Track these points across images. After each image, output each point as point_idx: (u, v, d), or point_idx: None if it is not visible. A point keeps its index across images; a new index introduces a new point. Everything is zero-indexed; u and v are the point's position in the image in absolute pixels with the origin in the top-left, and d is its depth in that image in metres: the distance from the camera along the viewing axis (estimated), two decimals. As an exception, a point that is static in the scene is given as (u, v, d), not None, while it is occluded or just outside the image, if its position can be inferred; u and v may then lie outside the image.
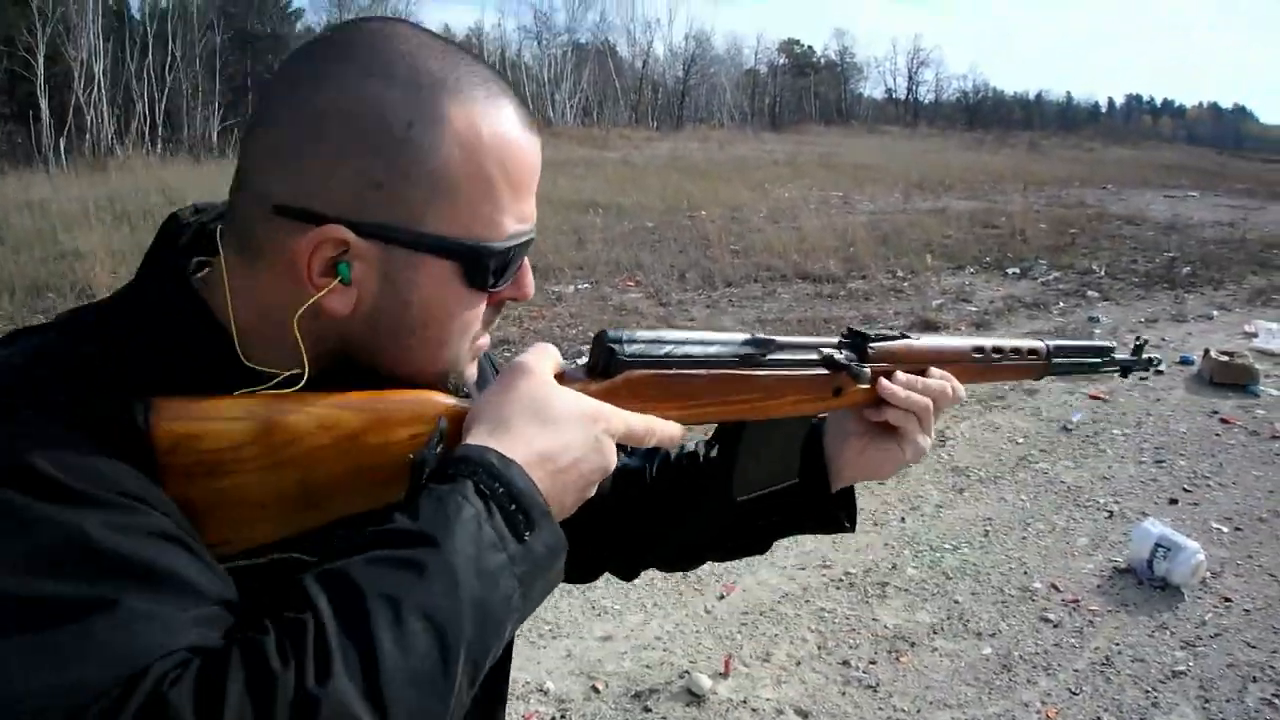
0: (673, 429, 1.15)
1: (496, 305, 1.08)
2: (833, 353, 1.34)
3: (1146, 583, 4.88)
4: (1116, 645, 4.39)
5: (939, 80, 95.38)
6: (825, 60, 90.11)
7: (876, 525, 5.56)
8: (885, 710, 3.96)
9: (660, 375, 1.17)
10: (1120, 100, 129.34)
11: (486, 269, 1.00)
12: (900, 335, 1.45)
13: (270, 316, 0.98)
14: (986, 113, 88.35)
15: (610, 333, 1.16)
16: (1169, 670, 4.23)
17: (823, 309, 10.83)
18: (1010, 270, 12.66)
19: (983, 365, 1.53)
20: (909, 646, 4.37)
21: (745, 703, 3.98)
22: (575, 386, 1.08)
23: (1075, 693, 4.08)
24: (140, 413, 0.87)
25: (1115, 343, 1.76)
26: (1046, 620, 4.59)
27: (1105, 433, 7.10)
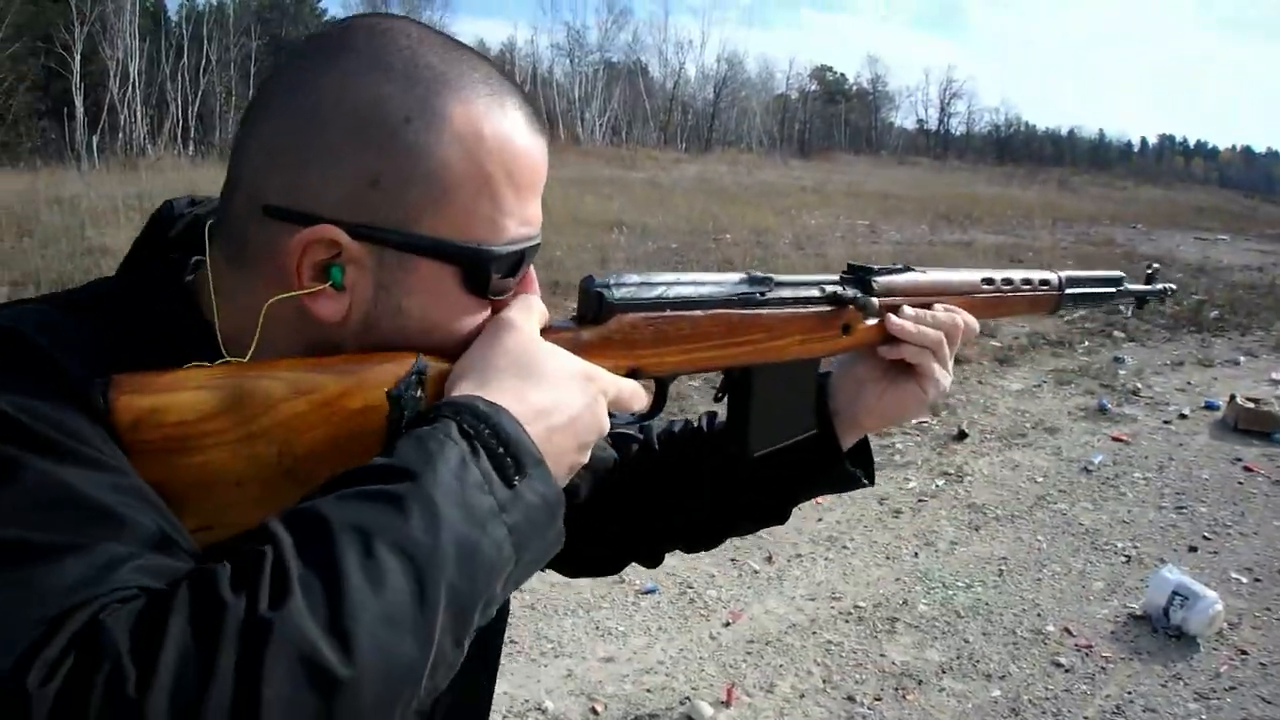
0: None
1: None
2: (836, 288, 1.29)
3: (1162, 631, 4.79)
4: (1128, 694, 4.30)
5: (970, 112, 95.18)
6: (857, 88, 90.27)
7: (889, 559, 5.49)
8: (889, 749, 3.89)
9: (653, 318, 1.11)
10: (1153, 140, 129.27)
11: (487, 274, 0.95)
12: (904, 268, 1.39)
13: (261, 311, 0.92)
14: (1017, 147, 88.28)
15: (596, 278, 1.10)
16: (1181, 722, 4.14)
17: (844, 337, 10.74)
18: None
19: (994, 297, 1.48)
20: (916, 684, 4.29)
21: (747, 734, 3.92)
22: (566, 336, 1.04)
23: (1085, 740, 3.99)
24: (98, 389, 0.81)
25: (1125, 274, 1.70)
26: (1058, 665, 4.50)
27: (1126, 476, 7.00)
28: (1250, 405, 8.11)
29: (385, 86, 0.89)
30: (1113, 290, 1.65)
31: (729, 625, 4.71)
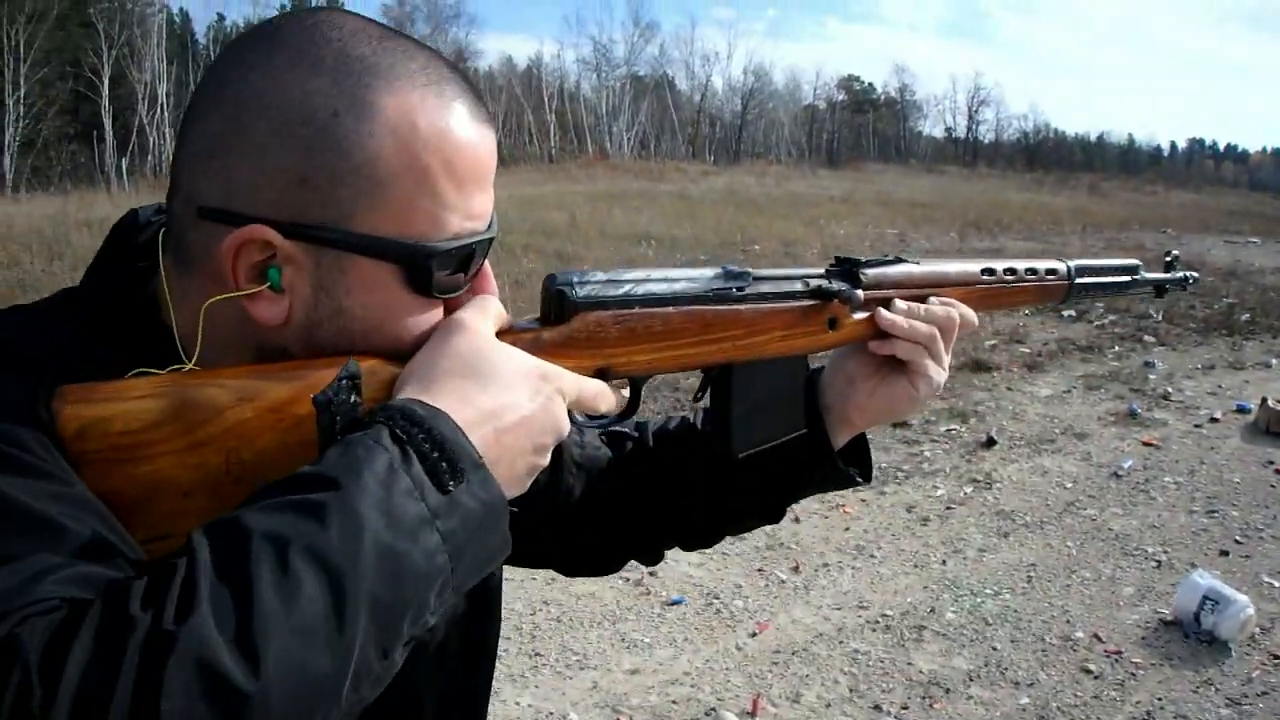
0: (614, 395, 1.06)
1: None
2: (821, 282, 1.24)
3: (1193, 636, 4.74)
4: (1159, 700, 4.26)
5: (999, 119, 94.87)
6: (885, 97, 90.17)
7: (917, 567, 5.46)
8: (916, 758, 3.87)
9: (620, 315, 1.07)
10: (1182, 144, 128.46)
11: (429, 271, 0.92)
12: (896, 259, 1.35)
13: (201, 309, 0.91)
14: (1047, 153, 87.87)
15: (559, 275, 1.05)
16: (1213, 728, 4.10)
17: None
18: (1066, 313, 12.49)
19: (995, 288, 1.42)
20: (944, 693, 4.26)
21: (772, 745, 3.90)
22: (526, 338, 1.01)
23: (1114, 747, 3.96)
24: (42, 399, 0.80)
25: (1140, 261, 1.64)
26: (1087, 671, 4.46)
27: (1156, 480, 6.94)
28: (1282, 408, 8.04)
29: (313, 80, 0.87)
30: (1127, 279, 1.60)
31: (755, 635, 4.70)
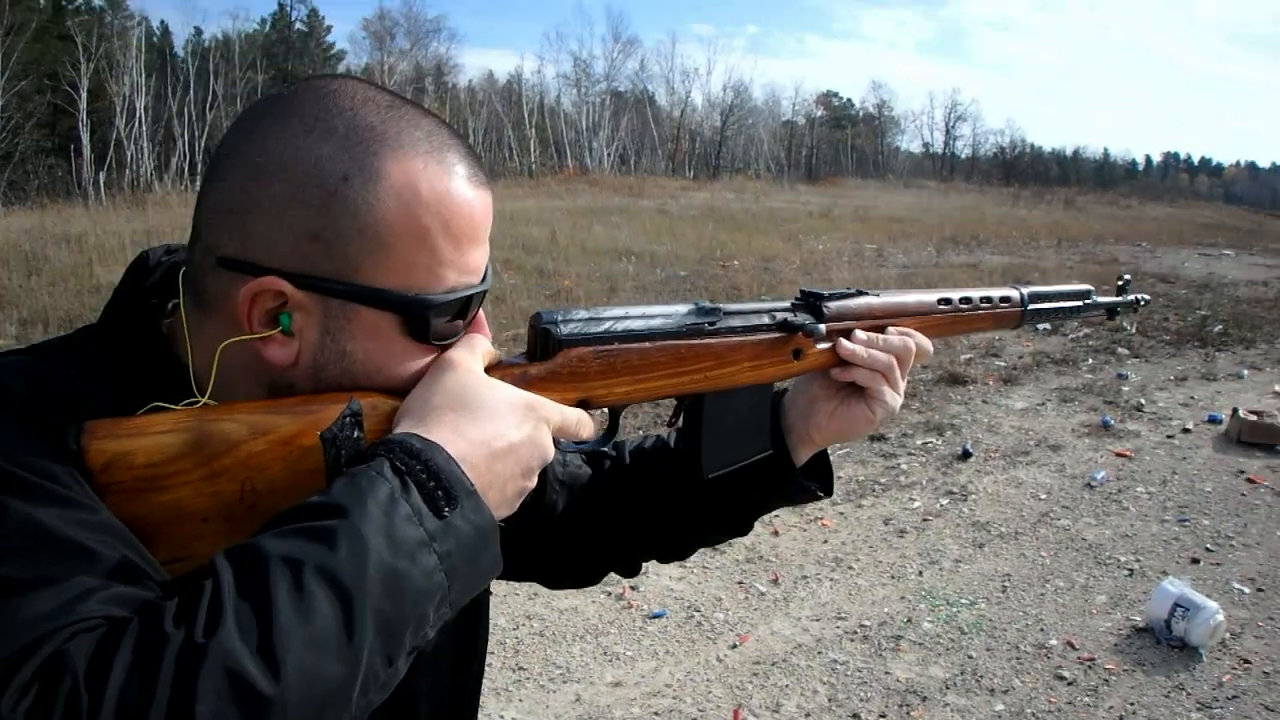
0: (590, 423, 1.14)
1: None
2: (786, 315, 1.33)
3: (1164, 643, 4.83)
4: (1131, 705, 4.34)
5: (976, 135, 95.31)
6: (863, 113, 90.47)
7: (894, 578, 5.54)
8: (893, 764, 3.93)
9: (601, 351, 1.16)
10: (1157, 158, 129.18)
11: (426, 321, 1.01)
12: (857, 292, 1.42)
13: (217, 351, 1.00)
14: (1023, 168, 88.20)
15: (544, 314, 1.15)
16: (1184, 732, 4.17)
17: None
18: (1041, 327, 12.61)
19: (951, 317, 1.50)
20: (920, 701, 4.33)
21: (752, 753, 3.96)
22: (514, 372, 1.10)
23: (1087, 752, 4.02)
24: (72, 435, 0.89)
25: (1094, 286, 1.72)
26: (1061, 678, 4.54)
27: (1129, 490, 7.04)
28: (1253, 418, 8.16)
29: (325, 146, 0.96)
30: (1079, 304, 1.67)
31: (736, 647, 4.76)
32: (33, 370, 0.98)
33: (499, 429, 0.98)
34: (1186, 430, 8.48)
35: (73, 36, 40.02)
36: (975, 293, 1.54)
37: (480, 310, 1.11)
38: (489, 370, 1.07)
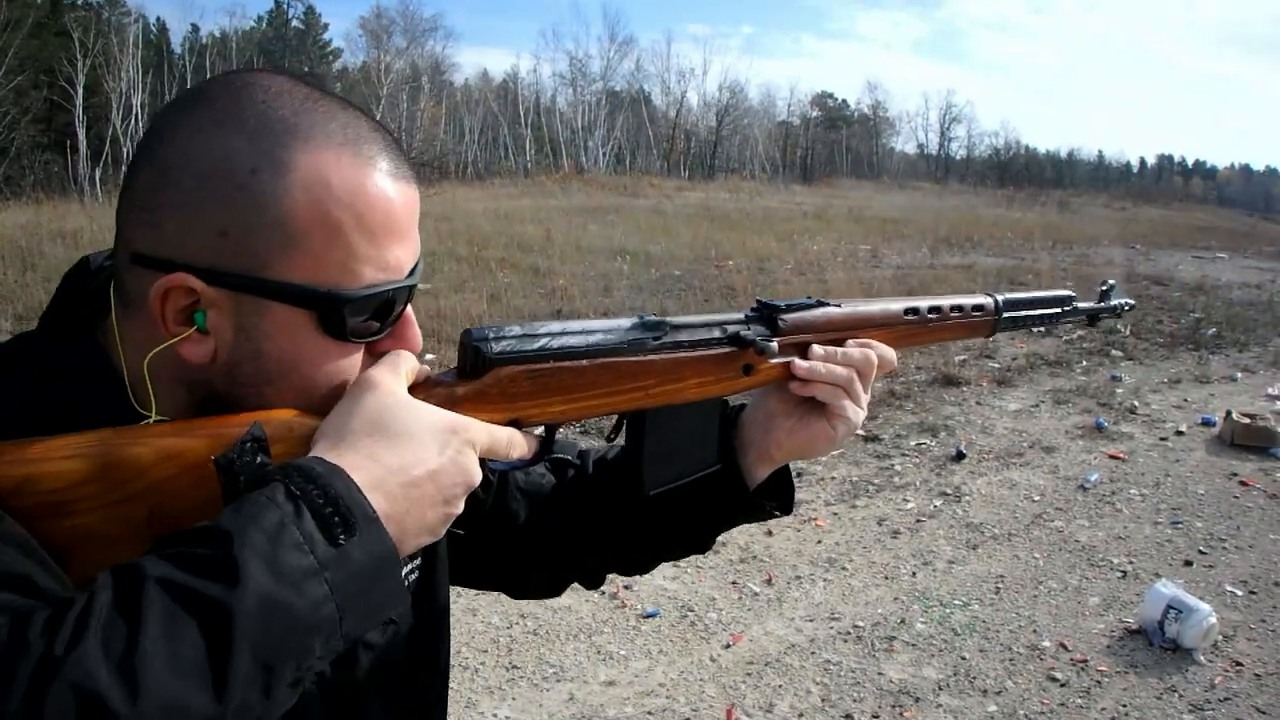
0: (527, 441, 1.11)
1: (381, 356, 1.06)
2: (738, 329, 1.28)
3: (1157, 645, 4.84)
4: (1124, 706, 4.35)
5: (971, 136, 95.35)
6: (858, 114, 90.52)
7: (887, 579, 5.55)
8: (886, 765, 3.93)
9: (534, 370, 1.11)
10: (1152, 160, 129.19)
11: (341, 317, 0.98)
12: (818, 303, 1.36)
13: (144, 363, 0.99)
14: (1018, 170, 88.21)
15: (475, 331, 1.10)
16: (1176, 734, 4.18)
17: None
18: (1035, 328, 12.63)
19: (917, 327, 1.45)
20: (913, 702, 4.34)
21: (745, 753, 3.96)
22: (440, 392, 1.06)
23: (1079, 753, 4.03)
24: None
25: (1075, 291, 1.68)
26: (1054, 679, 4.55)
27: (1122, 492, 7.06)
28: (1246, 421, 8.18)
29: (234, 140, 0.94)
30: (1059, 310, 1.64)
31: (729, 647, 4.76)
32: None
33: (418, 455, 0.94)
34: (1180, 433, 8.51)
35: (70, 32, 39.95)
36: (946, 301, 1.49)
37: (409, 308, 1.08)
38: (414, 388, 1.04)
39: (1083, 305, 1.68)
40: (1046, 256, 21.52)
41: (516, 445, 1.08)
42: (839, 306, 1.38)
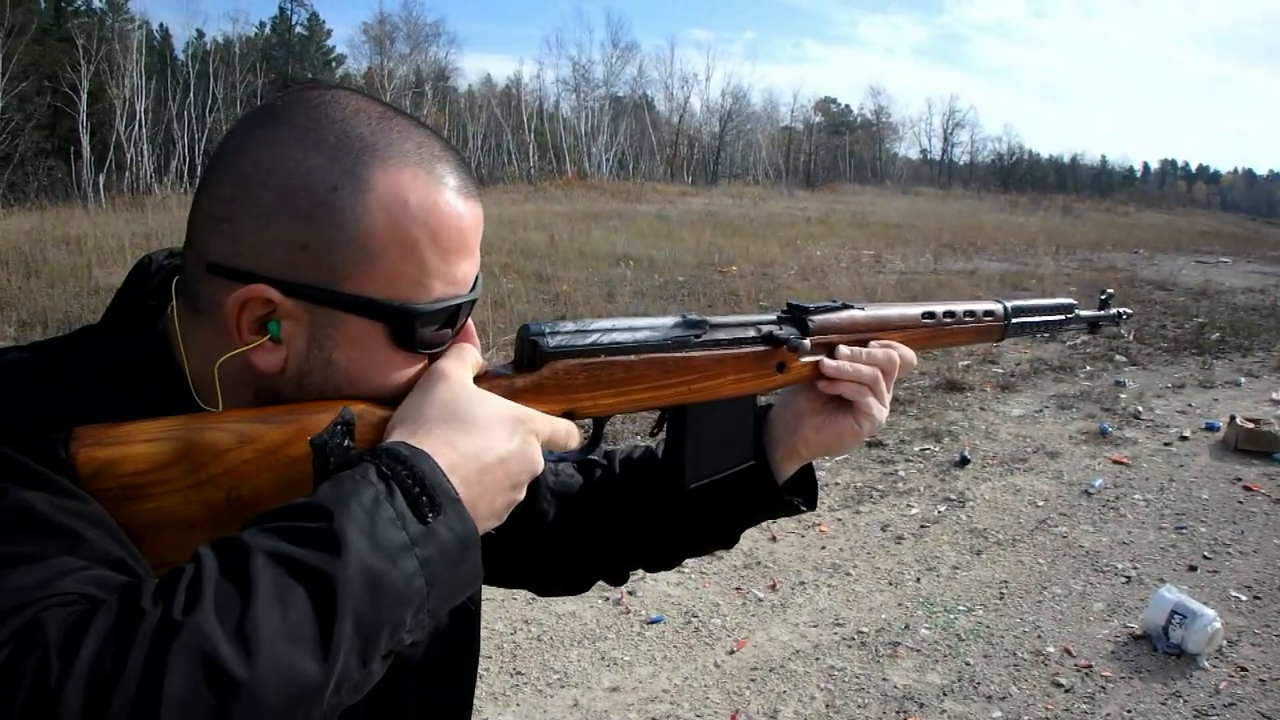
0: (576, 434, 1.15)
1: None
2: (771, 328, 1.34)
3: (1162, 650, 4.83)
4: (1128, 712, 4.34)
5: (974, 142, 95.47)
6: (861, 119, 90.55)
7: (891, 585, 5.54)
8: (891, 771, 3.93)
9: (587, 364, 1.17)
10: (1155, 165, 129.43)
11: (412, 330, 1.02)
12: (843, 305, 1.43)
13: (214, 368, 1.01)
14: (1021, 175, 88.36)
15: (532, 326, 1.16)
16: (1181, 739, 4.17)
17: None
18: (1040, 334, 12.61)
19: (934, 330, 1.52)
20: (918, 708, 4.33)
21: (750, 759, 3.96)
22: (501, 383, 1.11)
23: (1084, 759, 4.02)
24: (61, 443, 0.90)
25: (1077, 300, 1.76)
26: (1058, 685, 4.54)
27: (1126, 498, 7.05)
28: (1250, 425, 8.17)
29: (315, 157, 0.97)
30: (1062, 318, 1.71)
31: (733, 653, 4.76)
32: (31, 369, 0.99)
33: (489, 442, 0.98)
34: (1184, 438, 8.51)
35: (73, 39, 40.02)
36: (959, 306, 1.56)
37: (469, 319, 1.12)
38: (477, 381, 1.08)
39: (1084, 313, 1.75)
40: (1050, 262, 21.53)
41: (573, 437, 1.13)
42: (863, 309, 1.44)
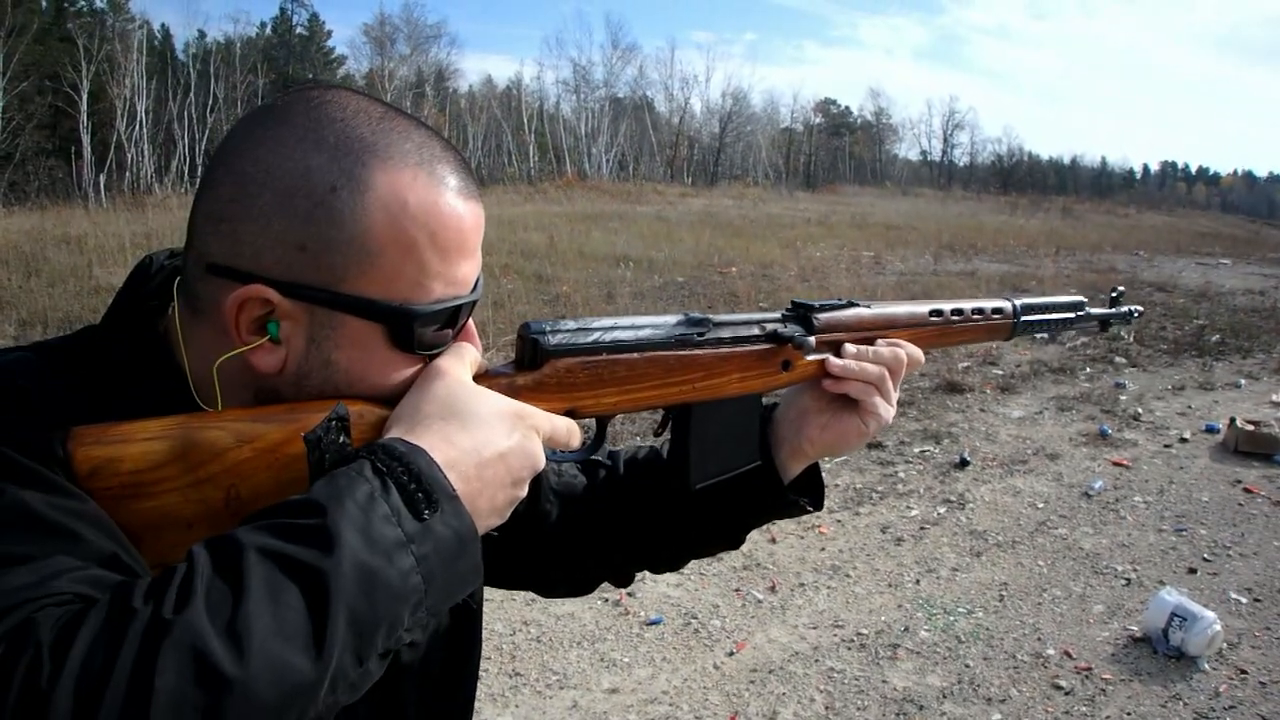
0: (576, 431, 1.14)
1: None
2: (776, 326, 1.33)
3: (1161, 652, 4.83)
4: (1128, 715, 4.34)
5: (974, 143, 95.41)
6: (861, 121, 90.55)
7: (891, 586, 5.54)
8: (890, 773, 3.92)
9: (589, 362, 1.17)
10: (1155, 166, 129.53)
11: (411, 331, 1.01)
12: (849, 303, 1.42)
13: (214, 368, 1.01)
14: (1021, 176, 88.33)
15: (533, 324, 1.15)
16: (1180, 742, 4.17)
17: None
18: (1038, 335, 12.60)
19: (942, 328, 1.50)
20: (917, 710, 4.33)
21: (749, 761, 3.96)
22: (502, 382, 1.11)
23: (1084, 762, 4.02)
24: (59, 441, 0.89)
25: (1086, 298, 1.73)
26: (1058, 688, 4.54)
27: (1126, 500, 7.05)
28: (1250, 428, 8.17)
29: (315, 157, 0.96)
30: (1072, 315, 1.68)
31: (733, 655, 4.75)
32: (33, 369, 0.99)
33: (488, 437, 0.98)
34: (1184, 440, 8.51)
35: (74, 38, 40.00)
36: (968, 304, 1.54)
37: (470, 320, 1.11)
38: (477, 379, 1.08)
39: (1094, 311, 1.72)
40: (1050, 263, 21.52)
41: (574, 435, 1.13)
42: (869, 307, 1.43)
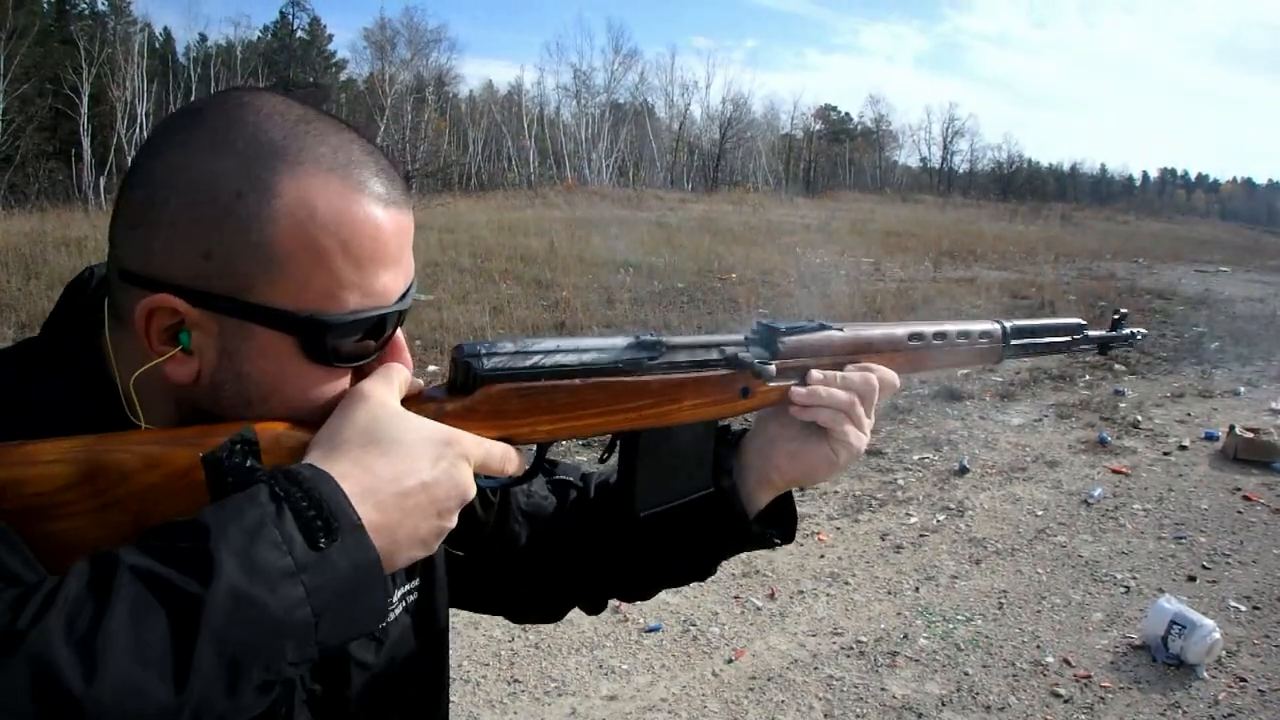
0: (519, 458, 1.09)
1: None
2: (736, 350, 1.25)
3: (1161, 660, 4.82)
4: (1127, 723, 4.34)
5: (974, 150, 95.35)
6: (861, 127, 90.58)
7: (890, 594, 5.53)
8: (889, 781, 3.92)
9: (524, 388, 1.09)
10: (1154, 174, 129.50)
11: (324, 342, 0.97)
12: (820, 325, 1.34)
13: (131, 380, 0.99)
14: (1020, 183, 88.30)
15: (467, 346, 1.08)
16: (1179, 751, 4.16)
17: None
18: (1045, 355, 12.59)
19: (921, 353, 1.43)
20: (916, 718, 4.32)
21: (748, 768, 3.95)
22: (431, 407, 1.05)
23: (1083, 770, 4.01)
24: None
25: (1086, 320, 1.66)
26: (1057, 695, 4.53)
27: (1126, 507, 7.05)
28: (1249, 435, 8.17)
29: (222, 162, 0.93)
30: (1069, 339, 1.61)
31: (731, 662, 4.75)
32: None
33: (411, 465, 0.94)
34: (1183, 447, 8.51)
35: (75, 41, 40.12)
36: (952, 327, 1.46)
37: (399, 334, 1.07)
38: (405, 402, 1.03)
39: (1093, 333, 1.65)
40: (1049, 270, 21.53)
41: (510, 460, 1.07)
42: (841, 330, 1.35)
